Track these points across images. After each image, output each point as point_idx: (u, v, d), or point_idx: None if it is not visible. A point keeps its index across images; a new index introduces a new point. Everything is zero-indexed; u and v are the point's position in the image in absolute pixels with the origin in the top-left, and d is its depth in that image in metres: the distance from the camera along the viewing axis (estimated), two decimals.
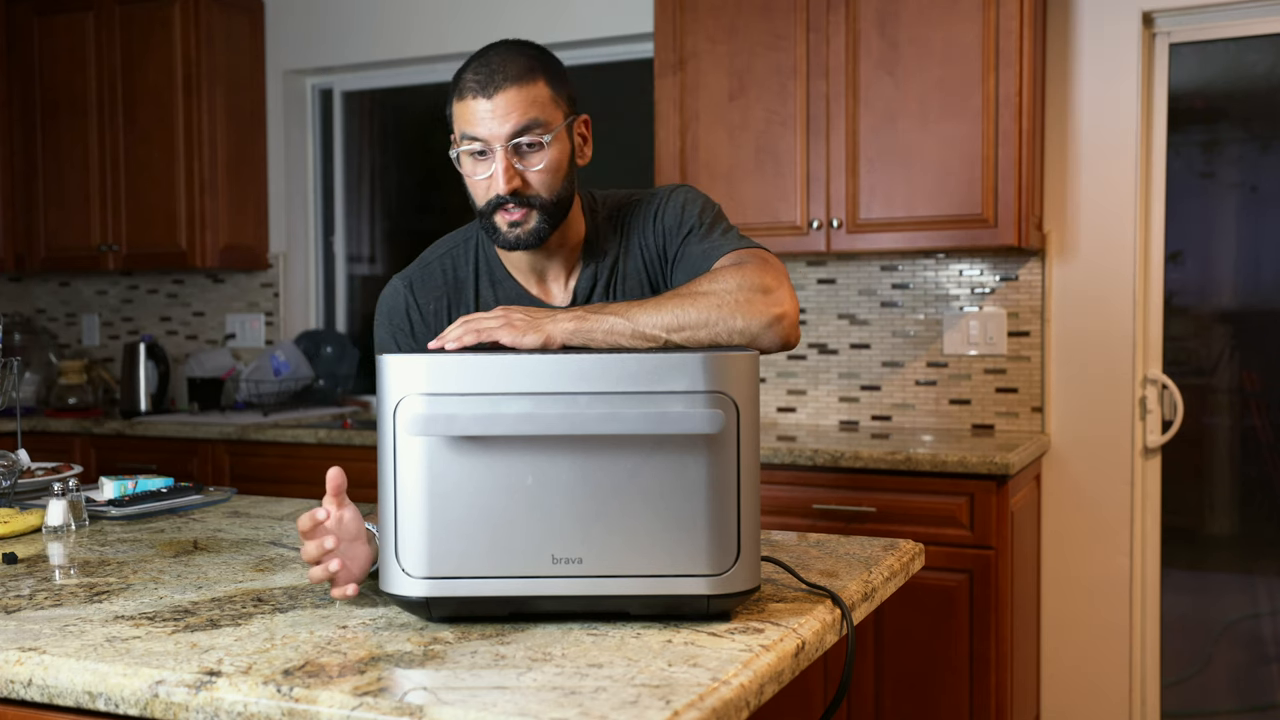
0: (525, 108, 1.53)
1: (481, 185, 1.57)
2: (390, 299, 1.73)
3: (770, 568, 1.46)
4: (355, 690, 1.03)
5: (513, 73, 1.54)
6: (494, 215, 1.58)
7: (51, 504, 1.84)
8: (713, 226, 1.65)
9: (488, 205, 1.58)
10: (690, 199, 1.68)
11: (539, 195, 1.56)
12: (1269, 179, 3.33)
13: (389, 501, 1.20)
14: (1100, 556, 3.25)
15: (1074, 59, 3.26)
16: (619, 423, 1.16)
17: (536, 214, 1.57)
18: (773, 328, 1.47)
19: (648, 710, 0.97)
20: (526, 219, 1.57)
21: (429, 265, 1.73)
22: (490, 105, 1.53)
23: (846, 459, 2.91)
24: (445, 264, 1.72)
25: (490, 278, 1.70)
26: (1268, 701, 3.29)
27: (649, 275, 1.68)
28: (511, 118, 1.53)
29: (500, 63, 1.55)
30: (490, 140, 1.53)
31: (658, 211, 1.68)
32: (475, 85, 1.54)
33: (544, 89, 1.55)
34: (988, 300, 3.37)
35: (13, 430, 3.74)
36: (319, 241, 4.52)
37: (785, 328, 1.49)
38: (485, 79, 1.53)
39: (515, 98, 1.53)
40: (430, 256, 1.75)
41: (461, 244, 1.74)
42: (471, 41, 4.03)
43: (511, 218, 1.57)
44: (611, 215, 1.71)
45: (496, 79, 1.53)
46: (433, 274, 1.72)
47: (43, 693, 1.14)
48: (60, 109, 4.33)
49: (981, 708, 2.81)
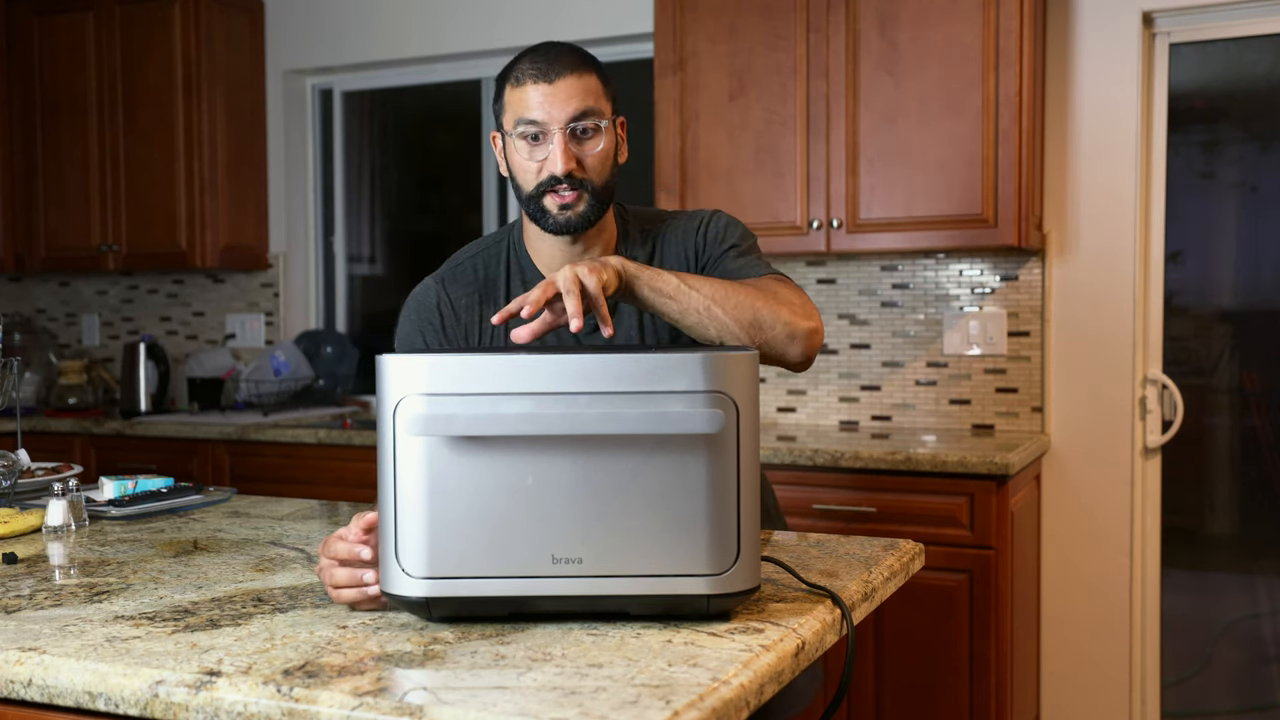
0: (583, 95, 1.61)
1: (533, 169, 1.63)
2: (421, 294, 1.78)
3: (770, 568, 1.46)
4: (355, 690, 1.03)
5: (570, 63, 1.62)
6: (544, 198, 1.63)
7: (51, 504, 1.84)
8: (751, 251, 1.74)
9: (538, 188, 1.63)
10: (733, 223, 1.76)
11: (591, 180, 1.63)
12: (1269, 179, 3.33)
13: (389, 501, 1.20)
14: (1100, 556, 3.25)
15: (1074, 59, 3.26)
16: (619, 423, 1.16)
17: (587, 198, 1.63)
18: (810, 337, 1.56)
19: (648, 710, 0.97)
20: (578, 201, 1.63)
21: (460, 265, 1.79)
22: (551, 89, 1.60)
23: (846, 459, 2.91)
24: (477, 263, 1.78)
25: (522, 277, 1.75)
26: (1268, 701, 3.29)
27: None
28: (572, 103, 1.60)
29: (557, 54, 1.63)
30: (549, 123, 1.60)
31: (701, 225, 1.75)
32: (535, 72, 1.61)
33: (597, 82, 1.64)
34: (988, 300, 3.37)
35: (13, 430, 3.74)
36: (319, 241, 4.52)
37: (816, 342, 1.58)
38: (545, 67, 1.61)
39: (575, 85, 1.61)
40: (461, 257, 1.80)
41: (493, 245, 1.79)
42: (471, 42, 4.05)
43: (563, 200, 1.62)
44: (644, 228, 1.77)
45: (556, 67, 1.61)
46: (464, 272, 1.77)
47: (43, 693, 1.14)
48: (60, 109, 4.33)
49: (981, 708, 2.81)
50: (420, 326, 1.75)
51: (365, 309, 4.54)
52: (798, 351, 1.55)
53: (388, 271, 4.55)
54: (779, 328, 1.52)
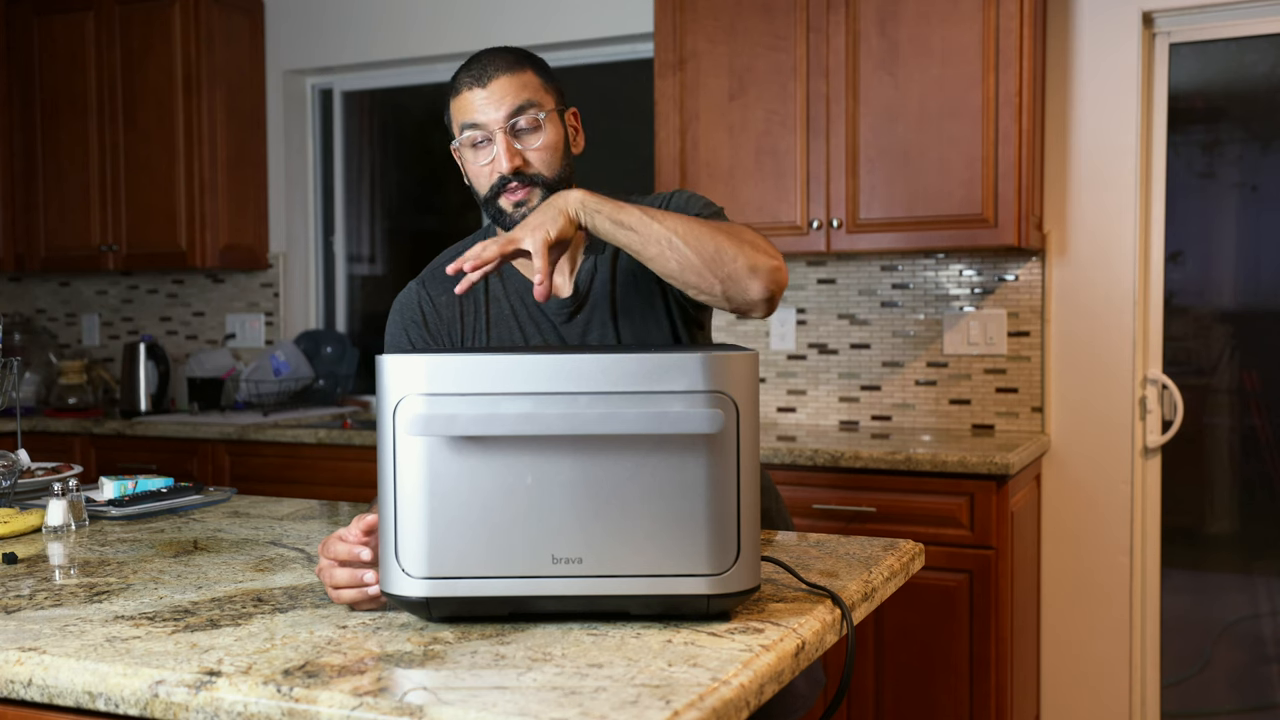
0: (518, 91, 1.64)
1: (484, 172, 1.66)
2: (403, 298, 1.82)
3: (770, 568, 1.46)
4: (355, 690, 1.03)
5: (502, 64, 1.65)
6: (499, 199, 1.66)
7: (51, 504, 1.84)
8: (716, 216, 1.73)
9: (492, 190, 1.66)
10: (695, 196, 1.77)
11: (540, 174, 1.65)
12: (1269, 179, 3.33)
13: (389, 501, 1.20)
14: (1100, 556, 3.25)
15: (1074, 59, 3.26)
16: (619, 423, 1.16)
17: (540, 192, 1.65)
18: (774, 273, 1.53)
19: (648, 710, 0.97)
20: (530, 196, 1.65)
21: (439, 265, 1.82)
22: (486, 93, 1.64)
23: (846, 459, 2.91)
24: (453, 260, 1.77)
25: (499, 274, 1.76)
26: (1268, 701, 3.29)
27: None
28: (506, 101, 1.64)
29: (490, 58, 1.67)
30: (489, 124, 1.64)
31: (664, 201, 1.76)
32: (470, 79, 1.65)
33: (533, 76, 1.67)
34: (988, 300, 3.37)
35: (13, 430, 3.74)
36: (319, 241, 4.52)
37: (780, 279, 1.54)
38: (479, 72, 1.65)
39: (508, 84, 1.64)
40: (440, 261, 1.84)
41: (469, 243, 1.81)
42: (471, 41, 4.05)
43: (516, 198, 1.65)
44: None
45: (489, 70, 1.65)
46: (443, 272, 1.79)
47: (43, 693, 1.14)
48: (60, 109, 4.33)
49: (981, 708, 2.81)
50: (404, 326, 1.78)
51: (365, 309, 4.54)
52: (759, 287, 1.52)
53: (388, 271, 4.55)
54: (740, 260, 1.50)
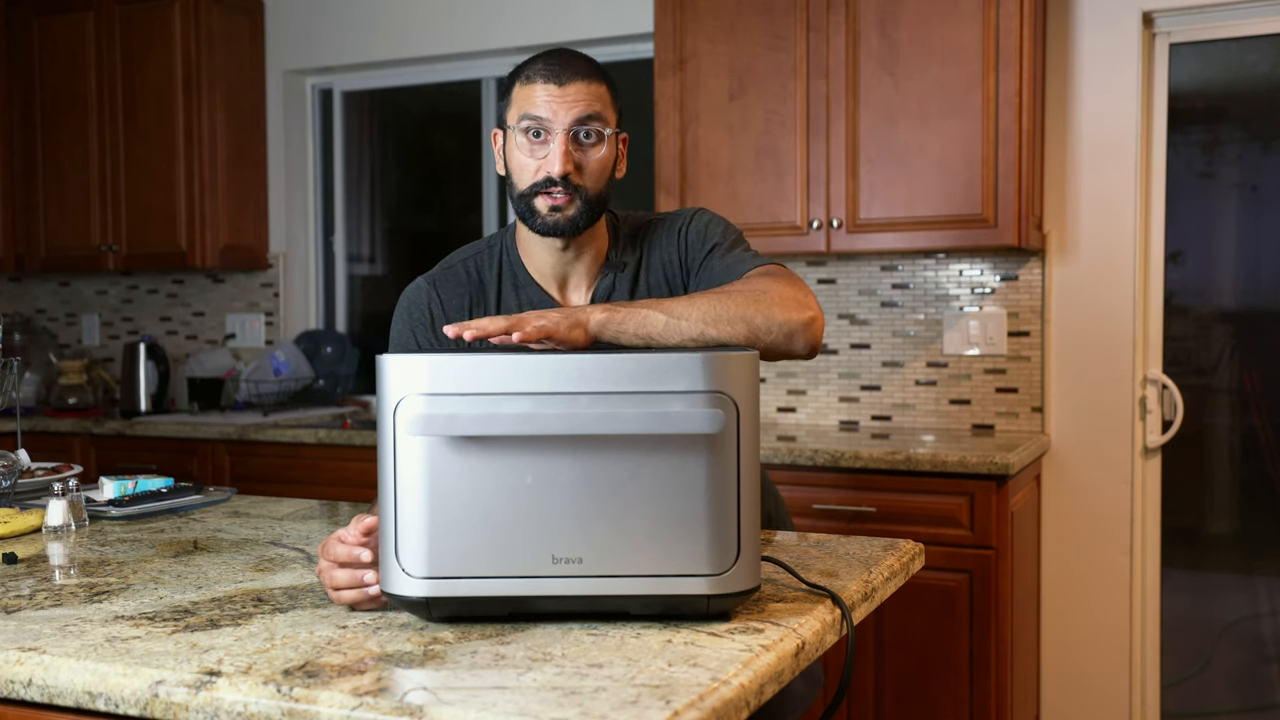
0: (591, 100, 1.62)
1: (531, 166, 1.62)
2: (412, 294, 1.78)
3: (770, 568, 1.46)
4: (355, 690, 1.03)
5: (582, 69, 1.63)
6: (536, 197, 1.63)
7: (51, 504, 1.84)
8: (736, 245, 1.71)
9: (532, 187, 1.63)
10: (714, 219, 1.75)
11: (585, 187, 1.63)
12: (1269, 179, 3.33)
13: (389, 501, 1.20)
14: (1100, 556, 3.25)
15: (1074, 59, 3.26)
16: (619, 423, 1.16)
17: (579, 203, 1.62)
18: (809, 328, 1.53)
19: (648, 710, 0.97)
20: (569, 205, 1.62)
21: (452, 267, 1.78)
22: (560, 90, 1.61)
23: (846, 459, 2.91)
24: (469, 266, 1.77)
25: (514, 281, 1.74)
26: (1268, 701, 3.29)
27: (669, 288, 1.73)
28: (579, 105, 1.61)
29: (570, 59, 1.64)
30: (553, 122, 1.61)
31: (682, 228, 1.74)
32: (547, 72, 1.62)
33: (606, 91, 1.65)
34: (988, 300, 3.37)
35: (13, 430, 3.74)
36: (319, 241, 4.52)
37: (817, 331, 1.55)
38: (558, 68, 1.62)
39: (584, 90, 1.61)
40: (454, 260, 1.79)
41: (486, 249, 1.78)
42: (471, 41, 4.05)
43: (554, 201, 1.62)
44: (633, 233, 1.77)
45: (568, 71, 1.62)
46: (456, 274, 1.76)
47: (43, 693, 1.14)
48: (60, 109, 4.33)
49: (981, 708, 2.81)
50: (412, 326, 1.75)
51: (365, 309, 4.54)
52: (801, 345, 1.53)
53: (388, 271, 4.55)
54: (775, 330, 1.50)
